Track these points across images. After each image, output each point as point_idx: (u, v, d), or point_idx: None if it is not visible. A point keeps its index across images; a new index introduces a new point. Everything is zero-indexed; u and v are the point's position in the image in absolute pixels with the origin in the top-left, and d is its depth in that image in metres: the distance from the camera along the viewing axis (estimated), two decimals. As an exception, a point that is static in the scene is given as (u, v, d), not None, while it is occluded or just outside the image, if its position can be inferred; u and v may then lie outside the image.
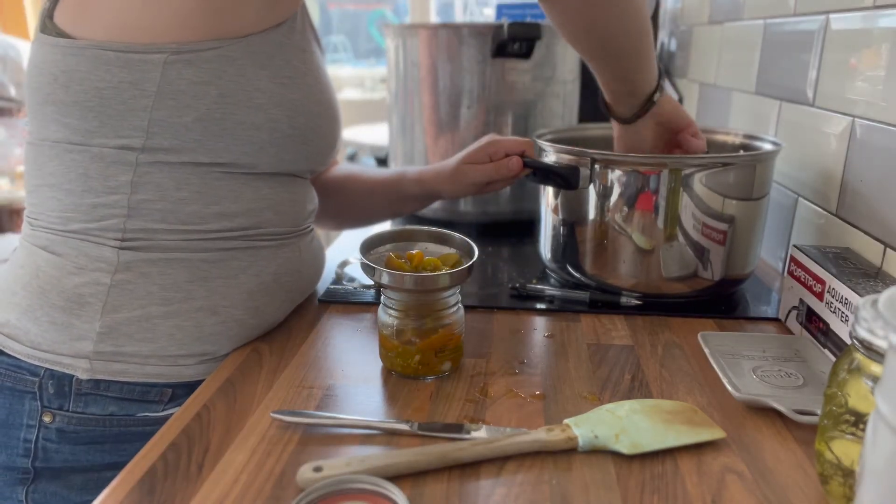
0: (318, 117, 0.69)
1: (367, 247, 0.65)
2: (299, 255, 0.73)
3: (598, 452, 0.51)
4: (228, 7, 0.61)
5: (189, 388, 0.67)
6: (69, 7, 0.63)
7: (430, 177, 0.86)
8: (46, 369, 0.64)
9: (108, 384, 0.64)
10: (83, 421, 0.64)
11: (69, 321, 0.63)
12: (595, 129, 1.00)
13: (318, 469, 0.46)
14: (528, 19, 1.41)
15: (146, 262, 0.63)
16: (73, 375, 0.63)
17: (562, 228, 0.83)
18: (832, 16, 0.80)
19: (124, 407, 0.65)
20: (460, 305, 0.63)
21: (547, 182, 0.81)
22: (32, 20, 2.89)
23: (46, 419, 0.64)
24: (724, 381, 0.59)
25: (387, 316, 0.61)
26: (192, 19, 0.60)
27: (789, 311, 0.72)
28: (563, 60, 1.08)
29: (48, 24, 0.63)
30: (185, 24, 0.60)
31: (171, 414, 0.66)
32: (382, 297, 0.62)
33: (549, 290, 0.81)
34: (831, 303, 0.63)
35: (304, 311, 0.77)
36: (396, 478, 0.47)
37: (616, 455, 0.50)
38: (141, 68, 0.60)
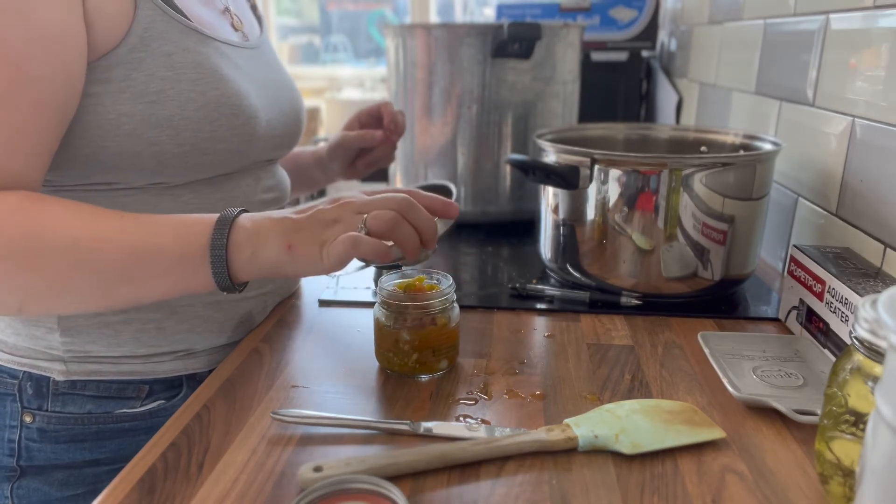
0: (211, 122, 0.62)
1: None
2: None
3: (598, 452, 0.51)
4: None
5: (167, 383, 0.67)
6: None
7: (322, 148, 0.95)
8: (25, 372, 0.65)
9: (85, 383, 0.65)
10: (62, 420, 0.65)
11: (30, 332, 0.65)
12: (595, 129, 1.00)
13: (318, 469, 0.46)
14: (528, 19, 1.41)
15: None
16: (50, 377, 0.65)
17: (562, 228, 0.83)
18: (832, 16, 0.80)
19: (102, 405, 0.66)
20: (456, 304, 0.63)
21: (547, 182, 0.81)
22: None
23: (27, 419, 0.65)
24: (724, 381, 0.59)
25: (383, 315, 0.61)
26: None
27: (789, 311, 0.72)
28: (563, 60, 1.08)
29: None
30: None
31: (150, 409, 0.67)
32: (378, 296, 0.62)
33: (549, 290, 0.81)
34: (831, 303, 0.63)
35: (304, 312, 0.77)
36: (396, 478, 0.47)
37: (616, 455, 0.50)
38: None
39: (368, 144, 0.90)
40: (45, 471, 0.66)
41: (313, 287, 0.84)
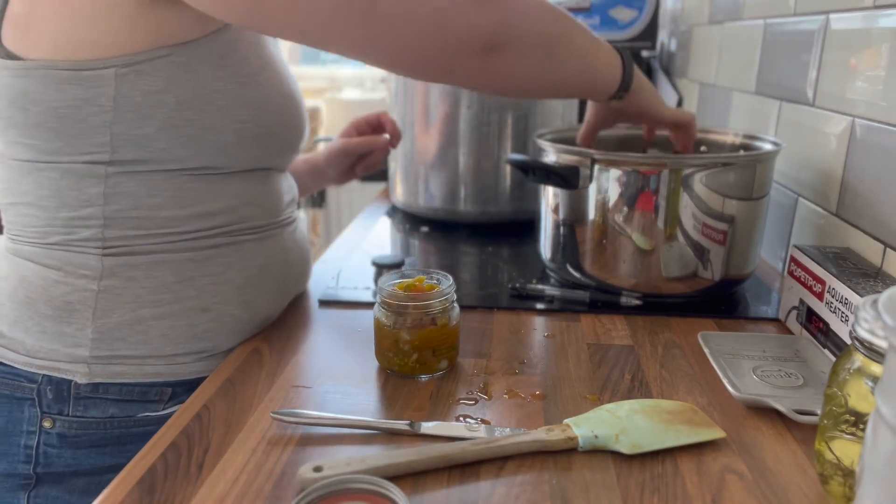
0: (284, 111, 0.69)
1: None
2: (284, 245, 0.73)
3: (598, 452, 0.51)
4: (164, 15, 0.59)
5: (189, 385, 0.67)
6: (14, 27, 0.60)
7: (316, 155, 0.99)
8: (44, 375, 0.64)
9: (108, 386, 0.64)
10: (84, 424, 0.64)
11: (60, 329, 0.63)
12: (595, 129, 1.00)
13: (318, 469, 0.46)
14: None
15: (131, 266, 0.63)
16: (72, 380, 0.63)
17: (562, 228, 0.83)
18: (832, 16, 0.80)
19: (124, 408, 0.65)
20: (456, 304, 0.63)
21: (547, 182, 0.81)
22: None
23: (46, 425, 0.64)
24: (724, 381, 0.59)
25: (383, 315, 0.61)
26: (131, 30, 0.59)
27: (789, 311, 0.72)
28: (563, 60, 1.08)
29: None
30: (125, 35, 0.59)
31: (172, 412, 0.66)
32: (378, 296, 0.62)
33: (549, 290, 0.81)
34: (831, 303, 0.63)
35: (304, 312, 0.77)
36: (396, 478, 0.47)
37: (616, 455, 0.50)
38: (94, 84, 0.59)
39: (373, 149, 0.96)
40: (65, 478, 0.65)
41: (313, 287, 0.84)
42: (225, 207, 0.66)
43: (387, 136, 0.97)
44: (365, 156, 0.98)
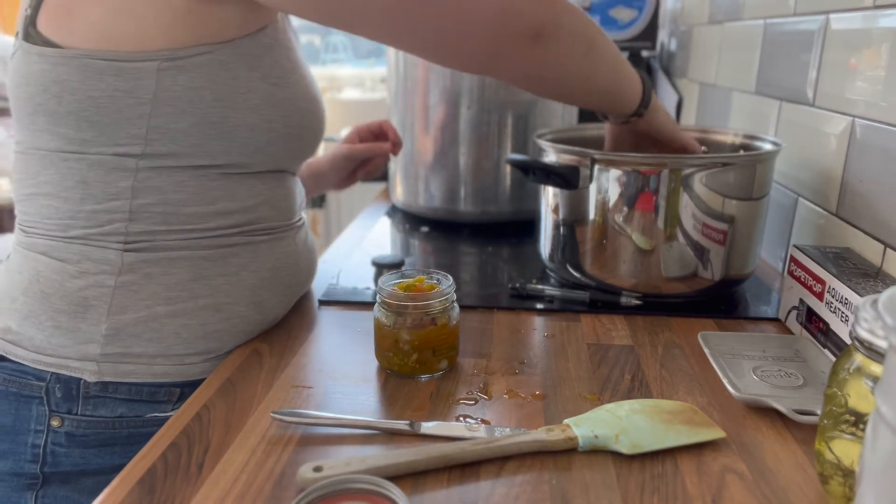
0: (308, 114, 0.70)
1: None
2: (295, 248, 0.74)
3: (598, 452, 0.51)
4: (212, 13, 0.61)
5: (196, 386, 0.67)
6: (53, 14, 0.61)
7: (318, 160, 1.00)
8: (53, 374, 0.63)
9: (117, 386, 0.64)
10: (92, 424, 0.64)
11: (75, 325, 0.63)
12: (595, 130, 1.00)
13: (318, 469, 0.46)
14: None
15: (149, 262, 0.64)
16: (81, 379, 0.63)
17: (562, 228, 0.83)
18: (832, 16, 0.80)
19: (133, 408, 0.65)
20: (456, 304, 0.63)
21: (547, 182, 0.81)
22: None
23: (55, 423, 0.64)
24: (724, 381, 0.59)
25: (383, 315, 0.61)
26: (177, 26, 0.60)
27: (789, 311, 0.72)
28: (563, 60, 1.08)
29: (32, 33, 0.61)
30: (171, 30, 0.60)
31: None
32: (378, 296, 0.62)
33: (549, 290, 0.81)
34: (831, 303, 0.63)
35: (304, 312, 0.77)
36: (396, 478, 0.47)
37: (616, 455, 0.50)
38: (135, 76, 0.60)
39: (376, 154, 0.99)
40: (73, 477, 0.64)
41: (313, 287, 0.84)
42: (245, 207, 0.67)
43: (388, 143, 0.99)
44: (366, 161, 1.00)
